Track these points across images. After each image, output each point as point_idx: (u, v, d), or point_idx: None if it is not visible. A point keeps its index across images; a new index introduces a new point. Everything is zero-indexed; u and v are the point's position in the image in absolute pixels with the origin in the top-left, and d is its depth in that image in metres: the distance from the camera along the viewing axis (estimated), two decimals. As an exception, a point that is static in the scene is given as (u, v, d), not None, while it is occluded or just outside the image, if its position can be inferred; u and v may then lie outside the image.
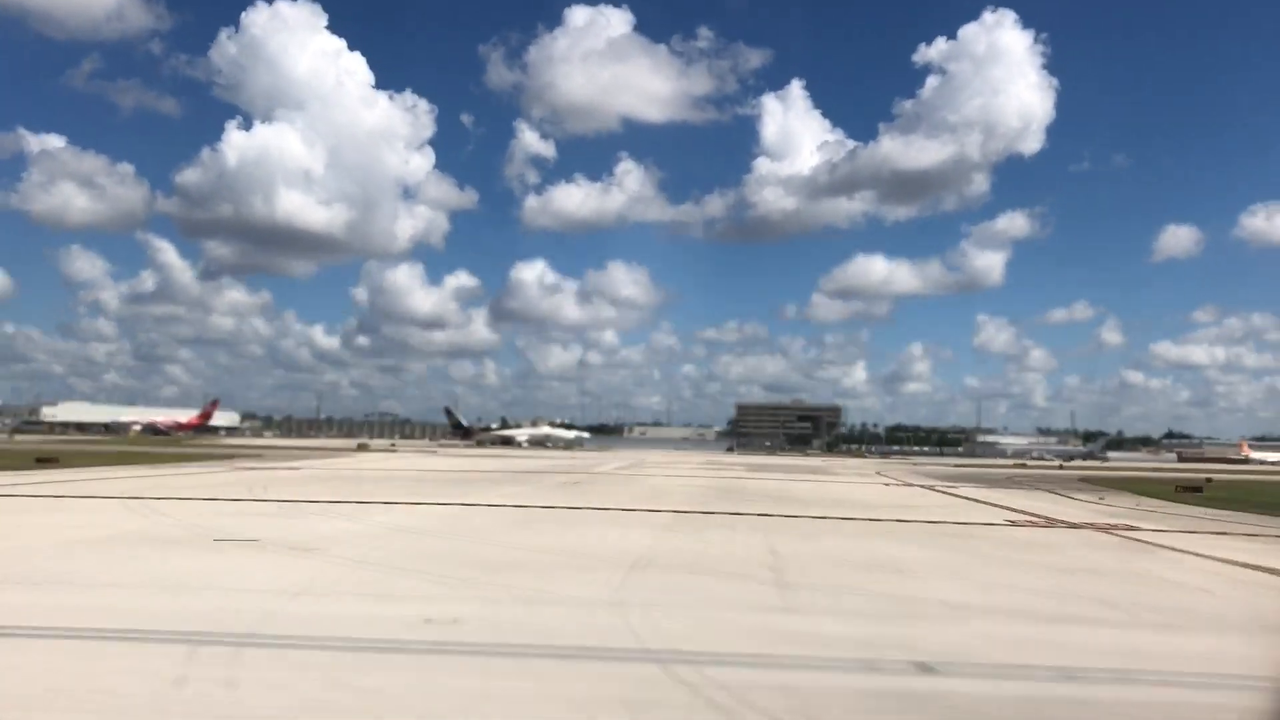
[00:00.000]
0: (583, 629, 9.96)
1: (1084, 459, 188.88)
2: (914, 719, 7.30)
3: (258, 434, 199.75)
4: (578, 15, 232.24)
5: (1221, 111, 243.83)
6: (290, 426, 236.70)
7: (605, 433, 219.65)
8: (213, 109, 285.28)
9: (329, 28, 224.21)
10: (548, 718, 7.08)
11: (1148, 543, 20.92)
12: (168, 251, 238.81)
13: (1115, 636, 10.47)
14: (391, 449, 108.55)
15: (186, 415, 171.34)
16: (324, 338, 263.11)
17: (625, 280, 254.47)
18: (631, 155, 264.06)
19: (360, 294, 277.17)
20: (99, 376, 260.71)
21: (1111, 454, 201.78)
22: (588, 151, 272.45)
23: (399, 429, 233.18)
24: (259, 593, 11.52)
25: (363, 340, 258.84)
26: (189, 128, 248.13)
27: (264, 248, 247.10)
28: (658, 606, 11.22)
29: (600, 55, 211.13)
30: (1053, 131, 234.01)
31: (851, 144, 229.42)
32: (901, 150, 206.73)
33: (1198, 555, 18.58)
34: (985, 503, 35.12)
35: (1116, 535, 22.73)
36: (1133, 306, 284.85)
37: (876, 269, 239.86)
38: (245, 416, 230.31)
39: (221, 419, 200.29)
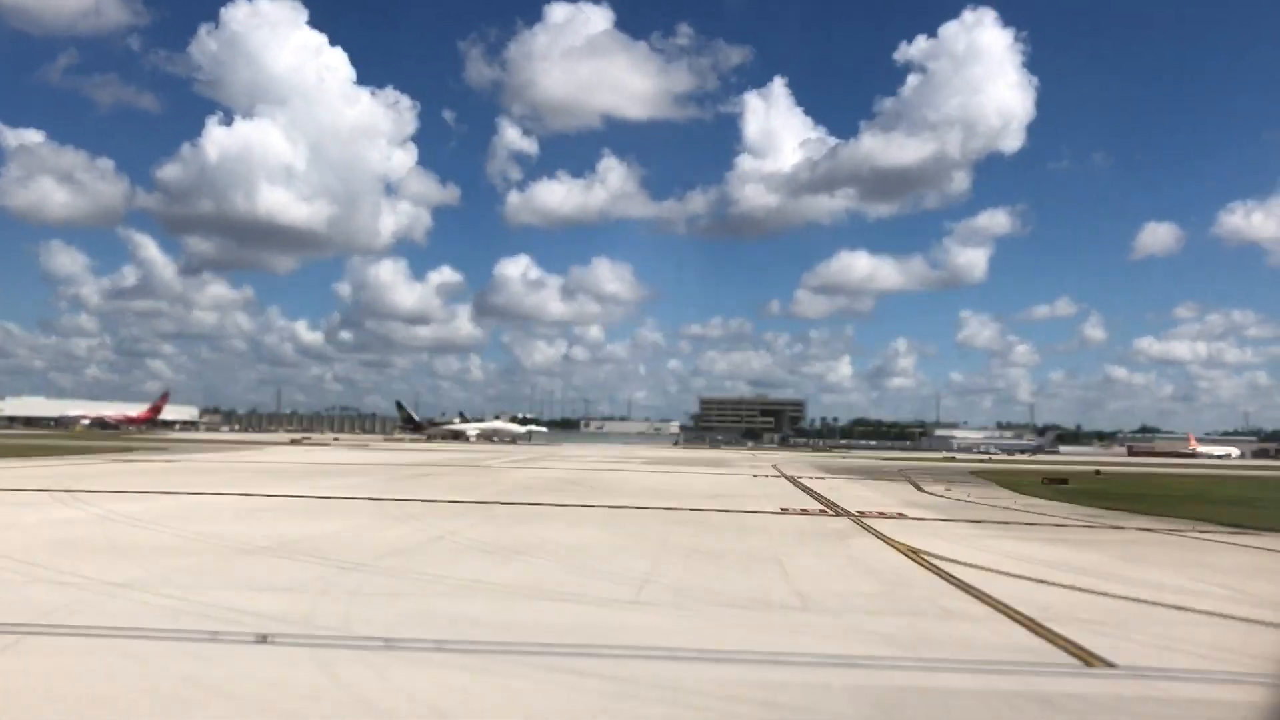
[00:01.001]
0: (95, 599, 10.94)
1: (1033, 452, 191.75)
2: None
3: (214, 428, 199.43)
4: (557, 12, 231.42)
5: (1200, 110, 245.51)
6: (252, 421, 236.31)
7: (566, 427, 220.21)
8: (193, 105, 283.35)
9: (310, 23, 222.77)
10: None
11: (878, 531, 21.91)
12: (149, 247, 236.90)
13: (569, 612, 11.46)
14: (333, 442, 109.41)
15: (137, 410, 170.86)
16: (307, 333, 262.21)
17: (609, 276, 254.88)
18: (614, 152, 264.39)
19: (344, 289, 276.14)
20: (80, 371, 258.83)
21: (1064, 448, 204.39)
22: (570, 148, 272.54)
23: (360, 423, 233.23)
24: None
25: (346, 335, 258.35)
26: (169, 123, 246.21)
27: (246, 243, 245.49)
28: (179, 585, 12.23)
29: (580, 52, 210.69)
30: (1033, 129, 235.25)
31: (833, 141, 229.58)
32: (882, 148, 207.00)
33: (894, 543, 19.48)
34: (814, 492, 36.33)
35: (859, 523, 23.82)
36: (1114, 303, 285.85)
37: (860, 265, 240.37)
38: (209, 411, 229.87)
39: (181, 413, 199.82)
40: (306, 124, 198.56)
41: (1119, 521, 26.44)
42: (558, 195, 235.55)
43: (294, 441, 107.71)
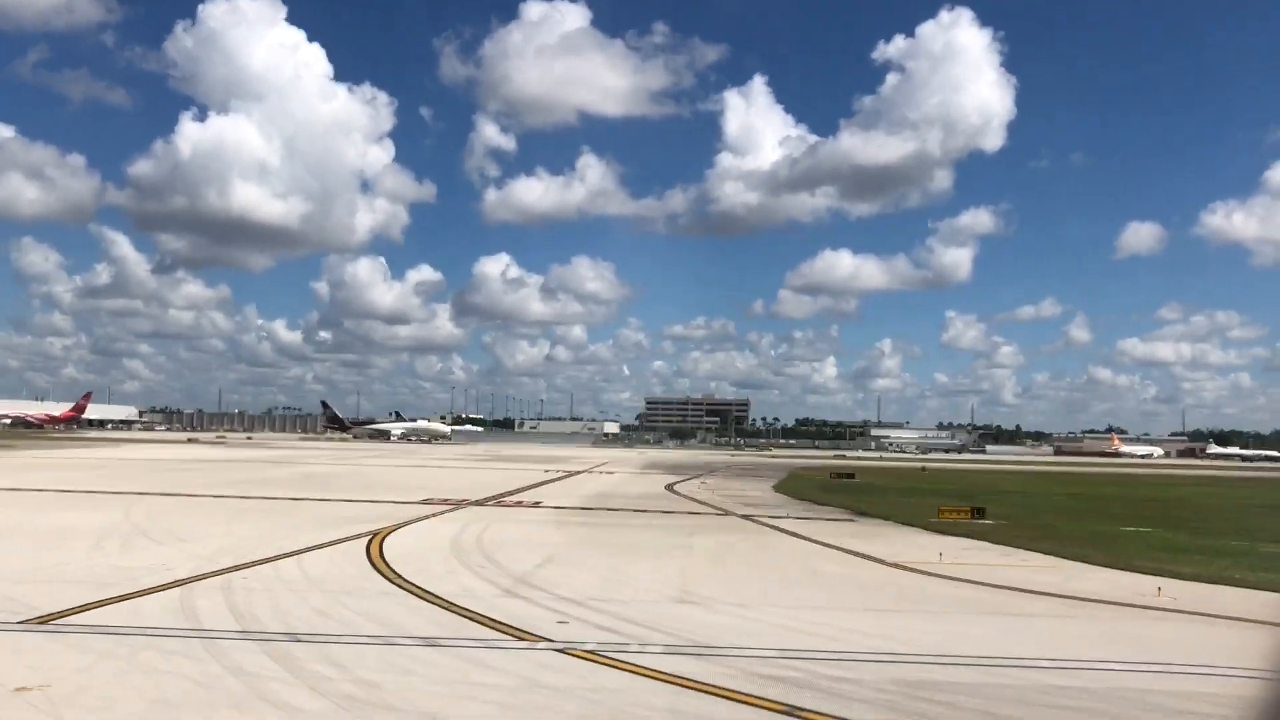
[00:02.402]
0: None
1: (957, 451, 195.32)
2: None
3: (149, 428, 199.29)
4: (533, 9, 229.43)
5: (1180, 110, 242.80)
6: (194, 420, 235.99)
7: (502, 426, 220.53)
8: (167, 101, 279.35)
9: (288, 20, 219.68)
10: None
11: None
12: (122, 244, 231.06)
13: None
14: (247, 441, 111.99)
15: (61, 409, 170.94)
16: (286, 333, 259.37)
17: (590, 275, 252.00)
18: (592, 149, 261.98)
19: (321, 288, 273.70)
20: (56, 371, 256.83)
21: (991, 447, 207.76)
22: (547, 145, 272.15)
23: (300, 423, 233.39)
24: None
25: (325, 335, 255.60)
26: (141, 119, 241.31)
27: (220, 240, 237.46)
28: None
29: (555, 49, 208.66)
30: (1013, 128, 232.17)
31: (813, 139, 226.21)
32: (862, 146, 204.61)
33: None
34: (526, 488, 39.08)
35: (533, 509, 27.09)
36: (1099, 303, 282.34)
37: (843, 264, 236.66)
38: (151, 411, 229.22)
39: (119, 412, 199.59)
40: (281, 120, 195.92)
41: (807, 513, 29.87)
42: (536, 192, 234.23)
43: (191, 440, 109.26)
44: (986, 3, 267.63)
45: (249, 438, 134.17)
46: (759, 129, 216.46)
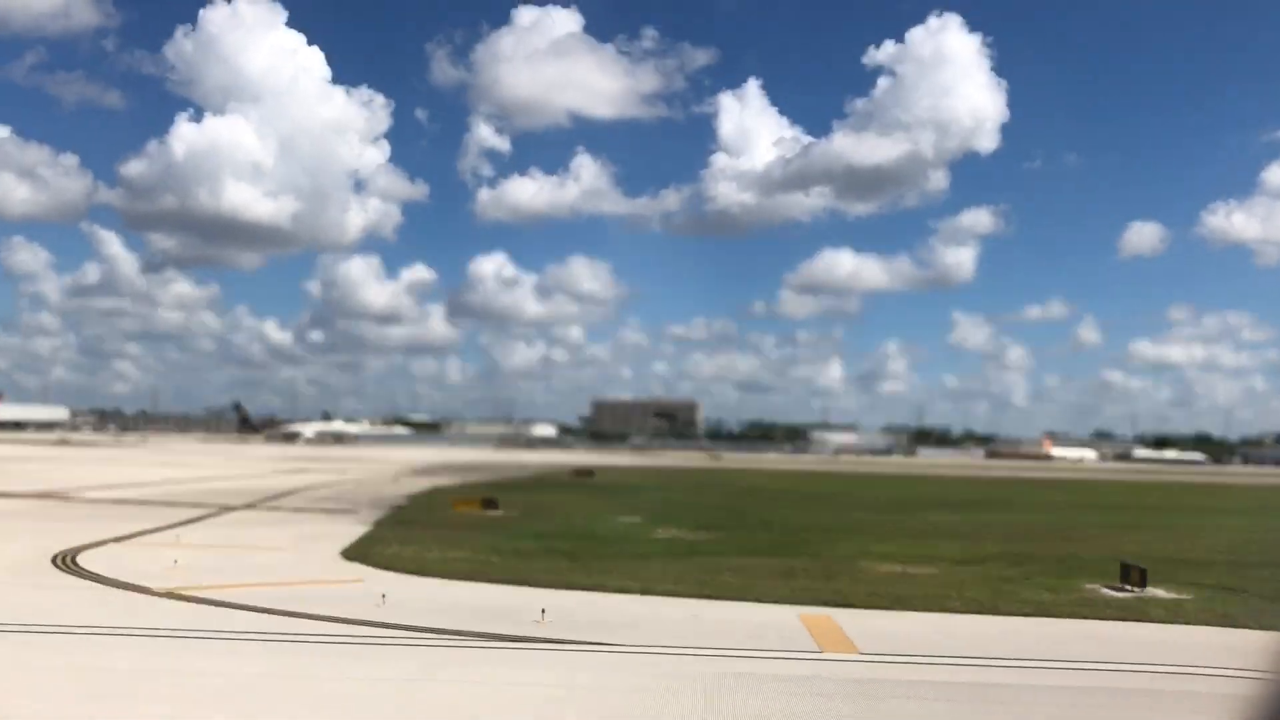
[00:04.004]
0: None
1: (885, 454, 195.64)
2: None
3: (75, 428, 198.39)
4: (524, 14, 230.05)
5: (1177, 110, 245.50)
6: (132, 422, 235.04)
7: (428, 429, 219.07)
8: (164, 103, 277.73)
9: (289, 23, 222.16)
10: None
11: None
12: (112, 243, 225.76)
13: None
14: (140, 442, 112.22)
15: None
16: (277, 333, 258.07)
17: (587, 275, 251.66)
18: (586, 149, 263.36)
19: (313, 287, 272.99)
20: (46, 371, 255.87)
21: (923, 450, 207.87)
22: (540, 146, 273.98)
23: (234, 425, 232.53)
24: None
25: (317, 336, 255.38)
26: (137, 121, 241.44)
27: (210, 239, 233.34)
28: None
29: (544, 52, 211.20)
30: (1007, 130, 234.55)
31: (807, 140, 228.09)
32: (854, 147, 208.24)
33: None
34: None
35: None
36: (1105, 304, 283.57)
37: (844, 264, 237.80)
38: (83, 412, 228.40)
39: (48, 414, 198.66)
40: (277, 120, 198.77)
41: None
42: (529, 191, 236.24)
43: (62, 441, 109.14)
44: (975, 7, 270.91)
45: (144, 439, 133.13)
46: (752, 130, 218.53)
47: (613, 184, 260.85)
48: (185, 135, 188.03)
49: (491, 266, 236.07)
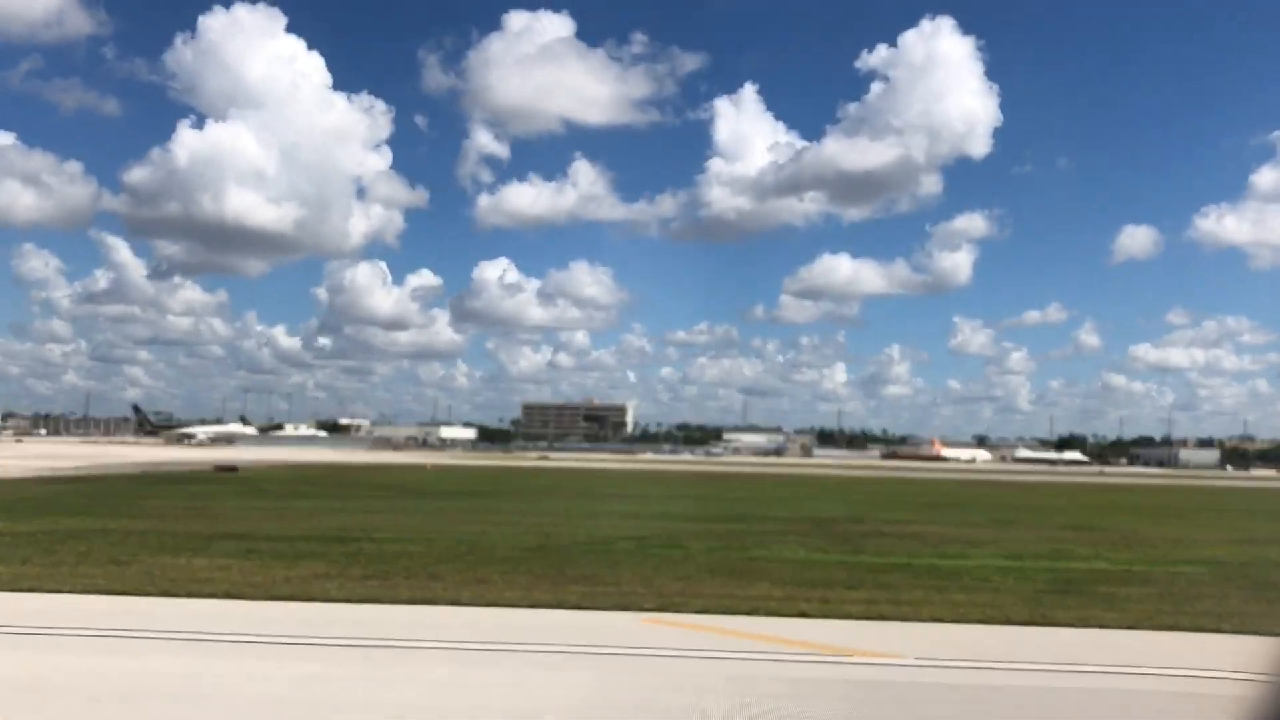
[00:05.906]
0: None
1: (777, 454, 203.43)
2: None
3: (19, 432, 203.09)
4: (514, 20, 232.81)
5: (1167, 114, 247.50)
6: (61, 426, 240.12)
7: (338, 430, 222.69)
8: (166, 110, 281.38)
9: (289, 29, 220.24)
10: None
11: None
12: (120, 250, 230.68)
13: None
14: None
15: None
16: (285, 339, 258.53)
17: (588, 280, 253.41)
18: (583, 155, 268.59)
19: (320, 294, 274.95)
20: (58, 378, 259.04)
21: (819, 451, 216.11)
22: (537, 152, 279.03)
23: (114, 425, 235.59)
24: None
25: (325, 341, 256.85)
26: (141, 128, 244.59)
27: (214, 246, 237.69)
28: None
29: (535, 58, 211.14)
30: (1000, 135, 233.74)
31: (801, 144, 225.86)
32: (846, 151, 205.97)
33: None
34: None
35: None
36: (1103, 308, 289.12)
37: (842, 269, 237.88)
38: (12, 415, 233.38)
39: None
40: (278, 126, 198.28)
41: None
42: (528, 197, 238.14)
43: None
44: (967, 11, 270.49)
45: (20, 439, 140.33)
46: (747, 135, 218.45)
47: (609, 190, 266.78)
48: (187, 142, 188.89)
49: (494, 272, 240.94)
